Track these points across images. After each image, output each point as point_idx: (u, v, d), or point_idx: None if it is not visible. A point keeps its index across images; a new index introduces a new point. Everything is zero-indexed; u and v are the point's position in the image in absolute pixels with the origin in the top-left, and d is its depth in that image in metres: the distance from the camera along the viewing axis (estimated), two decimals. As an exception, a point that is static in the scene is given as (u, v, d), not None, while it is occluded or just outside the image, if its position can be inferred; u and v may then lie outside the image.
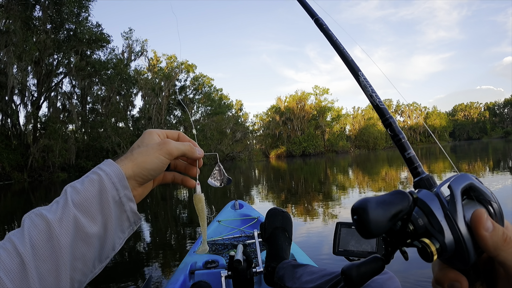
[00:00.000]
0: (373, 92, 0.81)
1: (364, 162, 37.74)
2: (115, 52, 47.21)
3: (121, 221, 0.80)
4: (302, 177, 23.89)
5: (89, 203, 0.73)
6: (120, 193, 0.78)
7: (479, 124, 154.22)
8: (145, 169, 0.83)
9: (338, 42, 0.94)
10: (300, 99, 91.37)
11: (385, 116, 0.77)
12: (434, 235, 0.55)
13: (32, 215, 0.71)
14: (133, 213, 0.82)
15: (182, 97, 67.69)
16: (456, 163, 22.61)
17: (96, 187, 0.75)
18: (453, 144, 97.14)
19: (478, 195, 0.59)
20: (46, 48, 36.54)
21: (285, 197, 13.63)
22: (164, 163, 0.86)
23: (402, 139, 0.73)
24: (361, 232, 0.52)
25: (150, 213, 11.92)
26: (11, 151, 35.79)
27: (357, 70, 0.86)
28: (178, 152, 0.88)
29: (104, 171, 0.78)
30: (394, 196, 0.54)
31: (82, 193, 0.74)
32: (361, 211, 0.51)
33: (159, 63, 65.53)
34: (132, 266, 6.09)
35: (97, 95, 49.81)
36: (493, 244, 0.52)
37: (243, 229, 4.08)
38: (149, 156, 0.84)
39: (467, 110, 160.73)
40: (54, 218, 0.69)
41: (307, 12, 1.09)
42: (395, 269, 4.21)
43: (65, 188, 0.76)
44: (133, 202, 0.81)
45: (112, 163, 0.81)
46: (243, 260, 2.37)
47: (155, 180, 0.95)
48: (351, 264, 0.67)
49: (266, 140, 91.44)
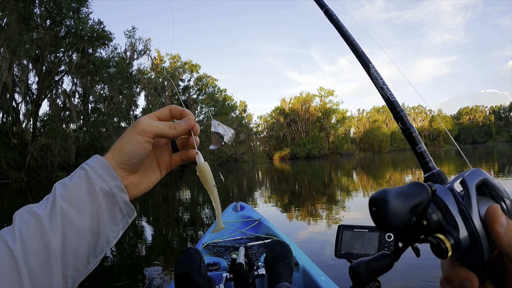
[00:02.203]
0: (384, 84, 0.80)
1: (368, 165, 37.57)
2: (117, 51, 46.90)
3: (113, 213, 0.78)
4: (306, 179, 23.69)
5: (78, 196, 0.73)
6: (109, 183, 0.77)
7: (484, 127, 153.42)
8: (124, 154, 0.80)
9: (349, 34, 0.92)
10: (304, 101, 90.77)
11: (396, 109, 0.76)
12: (448, 231, 0.54)
13: (22, 212, 0.72)
14: (125, 204, 0.80)
15: (185, 98, 67.36)
16: (461, 167, 22.50)
17: (83, 180, 0.75)
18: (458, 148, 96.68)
19: (492, 191, 0.58)
20: (46, 45, 36.12)
21: (288, 200, 13.45)
22: (142, 141, 0.81)
23: (413, 133, 0.72)
24: (380, 224, 0.51)
25: (152, 215, 11.79)
26: (9, 149, 35.23)
27: (368, 62, 0.86)
28: (154, 130, 0.83)
29: (89, 165, 0.77)
30: (413, 188, 0.53)
31: (70, 188, 0.74)
32: (381, 202, 0.50)
33: (162, 63, 65.17)
34: (134, 267, 6.12)
35: (99, 94, 49.35)
36: (507, 240, 0.52)
37: (244, 231, 4.04)
38: (124, 139, 0.81)
39: (472, 113, 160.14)
40: (43, 213, 0.70)
41: (316, 3, 1.04)
42: (400, 267, 4.50)
43: (54, 185, 0.76)
44: (124, 193, 0.80)
45: (97, 156, 0.80)
46: (245, 263, 2.34)
47: (161, 166, 0.92)
48: (360, 261, 0.65)
49: (270, 142, 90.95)
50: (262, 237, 3.77)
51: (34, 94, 39.92)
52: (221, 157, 62.69)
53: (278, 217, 9.78)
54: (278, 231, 3.98)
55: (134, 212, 0.82)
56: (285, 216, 10.22)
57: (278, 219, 9.49)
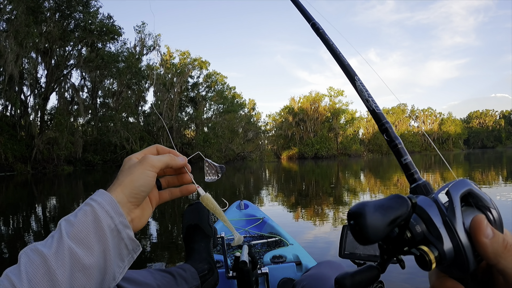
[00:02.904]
0: (370, 96, 0.81)
1: (376, 166, 37.19)
2: (127, 46, 46.89)
3: (119, 249, 0.80)
4: (313, 179, 23.37)
5: (84, 233, 0.74)
6: (115, 220, 0.79)
7: (494, 132, 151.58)
8: (134, 187, 0.85)
9: (335, 47, 0.95)
10: (314, 100, 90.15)
11: (382, 121, 0.77)
12: (432, 243, 0.54)
13: (28, 251, 0.72)
14: (130, 240, 0.82)
15: (194, 94, 67.24)
16: (469, 172, 22.24)
17: (90, 217, 0.76)
18: (467, 152, 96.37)
19: (477, 202, 0.58)
20: (54, 38, 36.07)
21: (294, 199, 13.29)
22: (151, 176, 0.87)
23: (398, 144, 0.73)
24: (357, 237, 0.51)
25: (156, 212, 11.62)
26: (16, 142, 35.20)
27: (353, 74, 0.87)
28: (160, 163, 0.90)
29: (95, 201, 0.79)
30: (392, 200, 0.53)
31: (76, 225, 0.74)
32: (358, 215, 0.50)
33: (172, 59, 65.07)
34: (137, 265, 5.81)
35: (108, 89, 49.39)
36: (493, 251, 0.52)
37: (248, 229, 4.03)
38: (134, 174, 0.86)
39: (482, 117, 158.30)
40: (49, 252, 0.70)
41: (304, 16, 1.09)
42: (390, 279, 4.38)
43: (59, 222, 0.77)
44: (129, 229, 0.82)
45: (103, 192, 0.82)
46: (248, 261, 2.27)
47: (152, 201, 0.97)
48: (345, 273, 0.65)
49: (278, 141, 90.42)
50: (265, 236, 3.76)
51: (42, 87, 39.91)
52: (228, 155, 62.46)
53: (283, 216, 9.57)
54: (281, 230, 3.94)
55: (139, 248, 0.85)
56: (290, 215, 10.11)
57: (282, 218, 9.33)
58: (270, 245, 3.48)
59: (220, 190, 17.43)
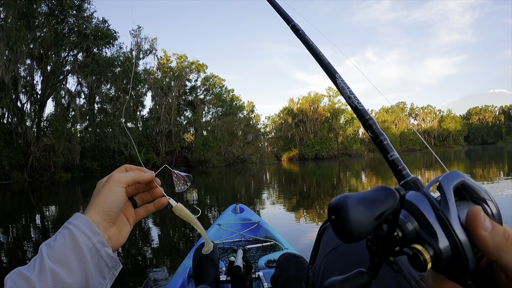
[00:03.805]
0: (351, 93, 0.81)
1: (377, 166, 36.93)
2: (123, 50, 46.59)
3: (99, 267, 0.83)
4: (314, 181, 23.19)
5: (64, 255, 0.78)
6: (93, 239, 0.82)
7: (494, 128, 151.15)
8: (105, 205, 0.88)
9: (315, 46, 0.98)
10: (313, 101, 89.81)
11: (365, 117, 0.76)
12: (426, 240, 0.50)
13: (13, 275, 0.75)
14: (109, 257, 0.86)
15: (192, 98, 67.01)
16: (471, 168, 22.35)
17: (68, 239, 0.80)
18: (468, 149, 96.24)
19: (472, 194, 0.54)
20: (49, 44, 35.73)
21: (294, 202, 13.17)
22: (119, 192, 0.91)
23: (383, 140, 0.71)
24: (340, 234, 0.47)
25: (150, 217, 11.44)
26: (13, 149, 34.66)
27: (334, 72, 0.89)
28: (126, 179, 0.94)
29: (72, 223, 0.83)
30: (377, 192, 0.49)
31: (56, 247, 0.78)
32: (340, 209, 0.46)
33: (169, 63, 64.77)
34: (131, 268, 6.10)
35: (106, 94, 48.93)
36: (494, 245, 0.47)
37: (243, 233, 4.05)
38: (102, 193, 0.89)
39: (482, 113, 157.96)
40: (33, 275, 0.74)
41: (283, 19, 1.10)
42: None
43: (40, 247, 0.80)
44: (107, 247, 0.86)
45: (79, 215, 0.86)
46: (242, 266, 2.28)
47: (129, 219, 1.00)
48: (334, 280, 0.58)
49: (278, 143, 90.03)
50: (260, 240, 3.77)
51: (38, 94, 39.62)
52: (228, 158, 62.10)
53: (280, 220, 9.37)
54: (277, 234, 3.95)
55: (119, 265, 0.89)
56: (287, 218, 10.00)
57: (280, 221, 9.18)
58: (265, 249, 3.47)
59: (221, 195, 17.44)
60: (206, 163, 58.00)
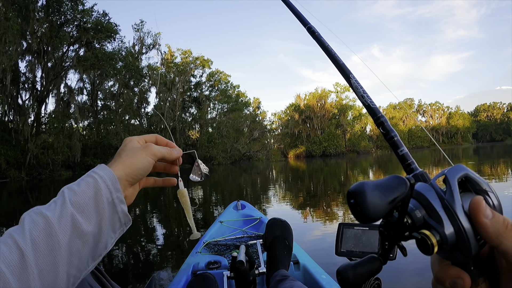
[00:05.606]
0: (365, 93, 0.86)
1: (385, 163, 35.99)
2: (125, 45, 45.65)
3: (113, 222, 0.87)
4: (321, 178, 22.44)
5: (86, 203, 0.81)
6: (113, 195, 0.86)
7: (502, 125, 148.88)
8: (135, 169, 0.94)
9: (330, 48, 1.01)
10: (320, 97, 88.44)
11: (377, 115, 0.81)
12: (433, 227, 0.54)
13: (31, 213, 0.77)
14: (124, 214, 0.89)
15: (197, 94, 66.06)
16: (479, 166, 21.94)
17: (92, 189, 0.83)
18: (476, 146, 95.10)
19: (475, 186, 0.59)
20: (48, 38, 34.80)
21: (300, 200, 13.03)
22: (151, 163, 0.98)
23: (394, 137, 0.77)
24: (358, 216, 0.52)
25: (153, 214, 11.76)
26: (11, 147, 33.79)
27: (348, 73, 0.93)
28: (160, 154, 1.00)
29: (98, 174, 0.86)
30: (391, 180, 0.54)
31: (79, 194, 0.81)
32: (358, 194, 0.51)
33: (173, 58, 63.78)
34: (135, 266, 6.20)
35: (109, 91, 48.08)
36: (494, 231, 0.51)
37: (245, 229, 4.09)
38: (137, 157, 0.95)
39: (490, 110, 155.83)
40: (53, 216, 0.76)
41: (299, 21, 1.14)
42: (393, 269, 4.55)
43: (62, 190, 0.83)
44: (124, 204, 0.89)
45: (105, 167, 0.90)
46: (245, 261, 2.35)
47: (140, 183, 1.05)
48: (348, 264, 0.66)
49: (285, 140, 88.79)
50: (262, 236, 3.52)
51: (38, 90, 38.73)
52: (234, 155, 61.16)
53: (285, 216, 8.42)
54: None
55: (130, 222, 0.93)
56: (292, 215, 9.80)
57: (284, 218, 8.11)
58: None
59: (226, 192, 17.38)
60: (211, 160, 57.21)
